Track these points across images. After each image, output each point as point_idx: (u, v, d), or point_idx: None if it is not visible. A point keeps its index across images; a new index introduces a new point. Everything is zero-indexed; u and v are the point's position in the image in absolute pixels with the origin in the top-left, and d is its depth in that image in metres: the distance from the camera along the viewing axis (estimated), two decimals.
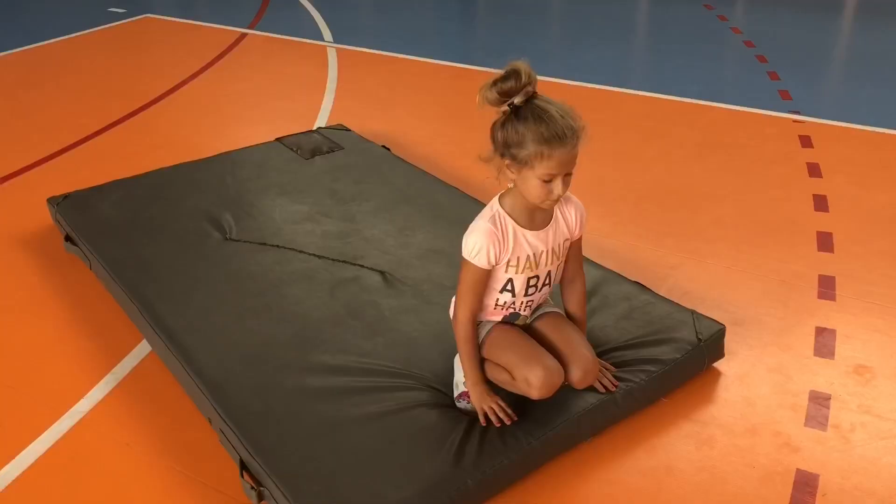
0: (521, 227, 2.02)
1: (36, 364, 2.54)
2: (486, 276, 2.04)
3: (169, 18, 6.63)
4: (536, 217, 2.04)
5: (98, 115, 4.53)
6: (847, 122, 4.36)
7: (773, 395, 2.36)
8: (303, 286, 2.64)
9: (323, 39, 6.02)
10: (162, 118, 4.59)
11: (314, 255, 2.83)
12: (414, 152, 3.92)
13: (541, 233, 2.05)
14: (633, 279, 2.69)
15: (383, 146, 3.77)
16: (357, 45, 5.83)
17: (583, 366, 2.09)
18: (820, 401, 2.34)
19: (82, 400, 2.37)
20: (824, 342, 2.59)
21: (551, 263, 2.11)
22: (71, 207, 3.16)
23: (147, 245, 2.90)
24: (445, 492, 1.89)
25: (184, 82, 5.09)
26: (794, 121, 4.39)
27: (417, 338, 2.40)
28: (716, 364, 2.46)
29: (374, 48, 5.77)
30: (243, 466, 2.00)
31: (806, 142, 4.12)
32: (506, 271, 2.05)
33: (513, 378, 2.05)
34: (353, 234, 2.98)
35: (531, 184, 1.92)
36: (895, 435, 2.21)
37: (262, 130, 4.13)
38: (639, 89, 4.95)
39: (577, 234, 2.15)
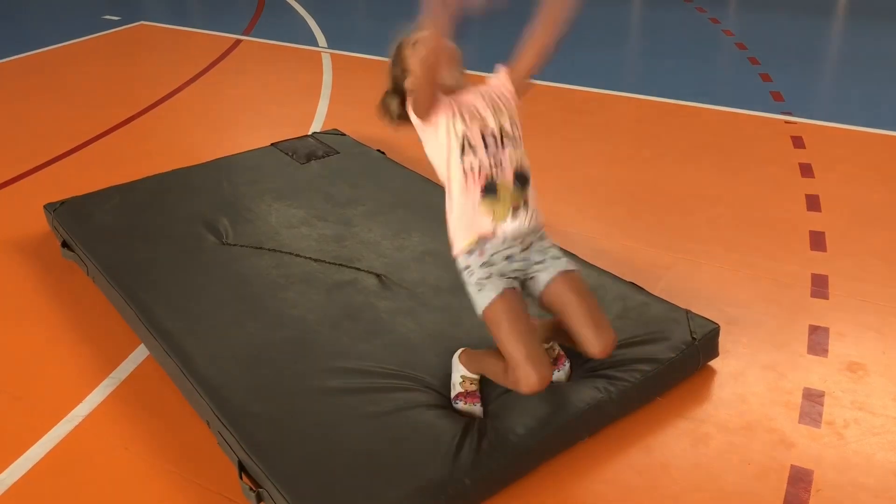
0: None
1: (34, 369, 2.55)
2: None
3: (163, 25, 6.64)
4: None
5: (94, 122, 4.54)
6: (839, 122, 4.40)
7: (767, 392, 2.38)
8: (299, 289, 2.66)
9: (317, 45, 6.04)
10: (158, 124, 4.60)
11: (310, 258, 2.84)
12: (409, 156, 3.93)
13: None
14: (628, 280, 2.71)
15: (378, 150, 3.79)
16: (351, 51, 5.85)
17: (603, 341, 2.05)
18: (813, 398, 2.36)
19: (81, 404, 2.38)
20: (817, 340, 2.62)
21: (498, 115, 2.17)
22: (68, 214, 3.17)
23: (144, 250, 2.91)
24: (443, 491, 1.91)
25: (179, 88, 5.11)
26: (787, 121, 4.42)
27: (414, 339, 2.42)
28: (710, 363, 2.48)
29: (368, 53, 5.78)
30: (242, 468, 2.02)
31: (798, 142, 4.15)
32: (454, 126, 2.09)
33: (504, 370, 2.05)
34: (349, 237, 2.99)
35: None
36: (888, 430, 2.23)
37: (258, 135, 4.14)
38: (632, 92, 4.98)
39: (507, 83, 2.27)
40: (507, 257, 2.10)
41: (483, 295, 2.06)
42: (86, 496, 2.07)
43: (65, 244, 3.08)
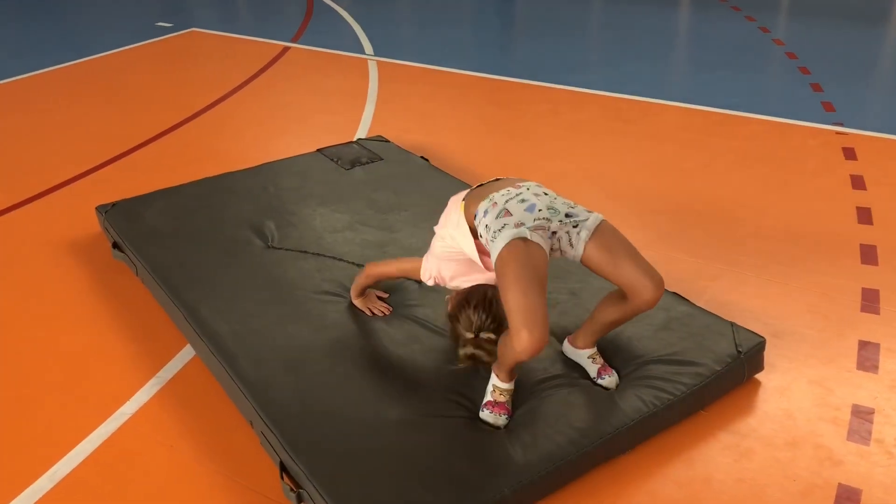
0: None
1: (84, 367, 2.61)
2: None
3: (214, 32, 6.77)
4: None
5: (145, 127, 4.65)
6: (891, 133, 4.30)
7: (814, 408, 2.34)
8: (342, 293, 2.68)
9: (364, 53, 6.10)
10: (206, 129, 4.69)
11: (353, 263, 2.86)
12: (452, 163, 3.95)
13: None
14: (672, 290, 2.68)
15: (422, 157, 3.81)
16: (397, 59, 5.90)
17: (655, 283, 2.04)
18: (863, 415, 2.31)
19: (128, 402, 2.43)
20: (867, 356, 2.56)
21: None
22: (118, 215, 3.25)
23: (191, 252, 2.96)
24: (482, 499, 1.90)
25: (228, 94, 5.20)
26: (838, 133, 4.33)
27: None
28: (756, 376, 2.44)
29: (413, 61, 5.83)
30: (283, 469, 2.04)
31: (849, 154, 4.06)
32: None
33: (507, 344, 1.97)
34: (392, 243, 3.01)
35: None
36: None
37: (304, 141, 4.20)
38: (679, 101, 4.93)
39: None
40: (523, 201, 2.09)
41: (494, 246, 2.02)
42: (131, 492, 2.11)
43: (115, 245, 3.16)
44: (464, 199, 2.26)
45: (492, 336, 2.07)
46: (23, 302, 2.98)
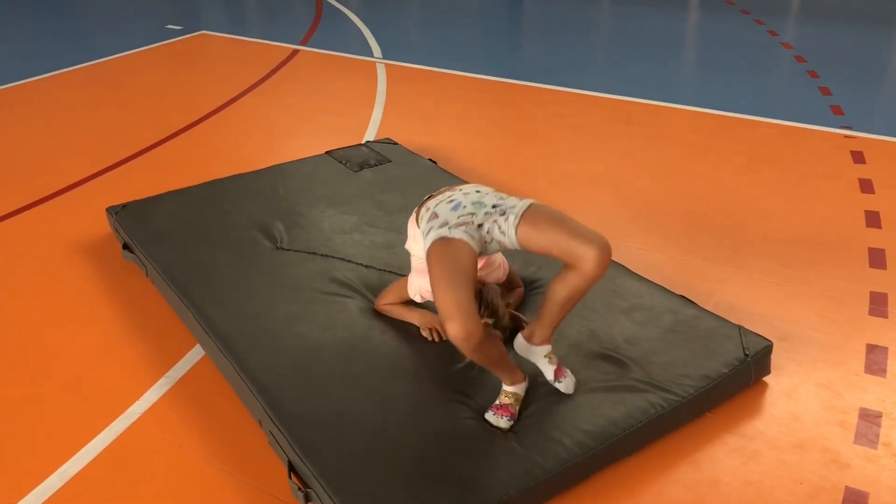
0: None
1: (94, 367, 2.63)
2: None
3: (224, 35, 6.81)
4: None
5: (155, 128, 4.67)
6: None
7: (821, 411, 2.34)
8: (351, 294, 2.70)
9: (372, 55, 6.12)
10: (216, 131, 4.71)
11: (361, 264, 2.88)
12: (460, 165, 3.96)
13: None
14: (679, 293, 2.68)
15: (430, 159, 3.82)
16: (405, 61, 5.92)
17: (596, 246, 1.99)
18: (870, 418, 2.30)
19: (137, 402, 2.45)
20: (875, 359, 2.55)
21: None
22: (128, 217, 3.27)
23: (201, 253, 2.98)
24: (488, 500, 1.91)
25: (237, 97, 5.23)
26: (846, 136, 4.33)
27: None
28: (763, 379, 2.44)
29: (421, 64, 5.84)
30: (291, 468, 2.05)
31: (858, 157, 4.05)
32: None
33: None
34: (400, 244, 3.00)
35: None
36: None
37: (313, 143, 4.22)
38: (687, 104, 4.93)
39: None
40: (451, 201, 2.17)
41: (421, 246, 2.14)
42: (141, 490, 2.13)
43: (125, 246, 3.18)
44: (415, 211, 2.32)
45: (488, 321, 2.11)
46: (34, 302, 3.00)
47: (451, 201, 2.20)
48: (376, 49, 6.28)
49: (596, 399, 2.21)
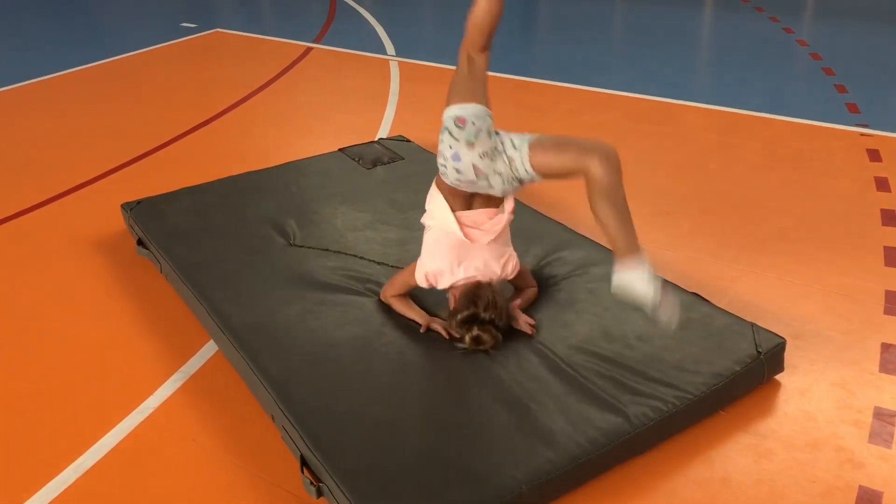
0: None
1: (109, 362, 2.65)
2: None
3: (238, 33, 6.83)
4: None
5: (170, 125, 4.70)
6: None
7: (835, 409, 2.32)
8: (364, 290, 2.70)
9: (386, 53, 6.13)
10: (230, 128, 4.73)
11: (374, 261, 2.89)
12: None
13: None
14: (693, 291, 2.67)
15: None
16: (418, 59, 5.92)
17: (599, 153, 2.20)
18: (885, 417, 2.29)
19: (151, 396, 2.46)
20: (890, 358, 2.54)
21: None
22: (143, 213, 3.29)
23: (215, 249, 3.00)
24: (500, 496, 1.91)
25: (251, 94, 5.25)
26: (862, 134, 4.30)
27: None
28: (776, 377, 2.43)
29: (435, 61, 5.84)
30: (304, 463, 2.06)
31: (874, 155, 4.02)
32: None
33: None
34: (412, 241, 3.02)
35: None
36: None
37: (326, 141, 4.23)
38: (701, 101, 4.91)
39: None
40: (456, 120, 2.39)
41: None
42: (154, 485, 2.14)
43: (140, 242, 3.20)
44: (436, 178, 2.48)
45: (493, 316, 2.25)
46: (49, 297, 3.03)
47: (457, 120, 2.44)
48: (390, 47, 6.28)
49: (608, 396, 2.21)
